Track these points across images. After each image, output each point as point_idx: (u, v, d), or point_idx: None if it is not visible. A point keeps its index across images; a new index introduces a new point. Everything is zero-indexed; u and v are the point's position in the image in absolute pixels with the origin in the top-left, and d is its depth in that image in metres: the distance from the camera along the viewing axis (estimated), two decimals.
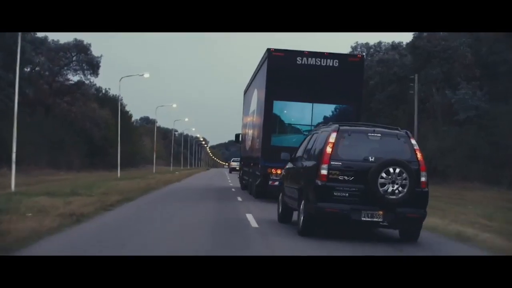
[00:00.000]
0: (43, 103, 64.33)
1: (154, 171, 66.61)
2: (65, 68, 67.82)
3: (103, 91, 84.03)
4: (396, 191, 12.78)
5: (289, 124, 24.33)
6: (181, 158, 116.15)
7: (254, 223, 15.84)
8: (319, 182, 13.00)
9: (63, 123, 67.08)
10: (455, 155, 50.30)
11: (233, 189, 33.23)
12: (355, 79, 24.36)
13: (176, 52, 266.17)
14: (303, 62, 24.20)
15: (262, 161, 24.14)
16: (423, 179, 13.13)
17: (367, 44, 74.20)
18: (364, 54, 78.95)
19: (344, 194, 12.96)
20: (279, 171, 21.82)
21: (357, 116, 23.57)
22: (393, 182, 12.82)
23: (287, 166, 16.48)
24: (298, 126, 24.46)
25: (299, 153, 15.59)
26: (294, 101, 24.32)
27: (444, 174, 50.82)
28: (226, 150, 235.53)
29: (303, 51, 24.02)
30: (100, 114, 75.58)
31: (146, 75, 48.79)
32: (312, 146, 14.52)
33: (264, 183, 24.19)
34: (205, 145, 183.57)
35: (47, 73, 65.78)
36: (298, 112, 24.39)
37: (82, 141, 69.39)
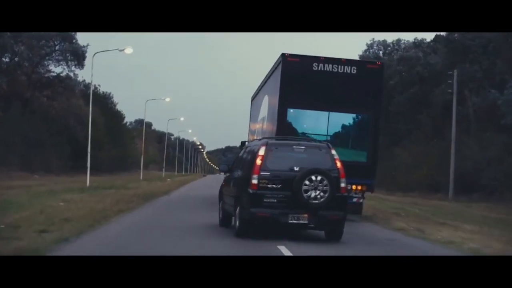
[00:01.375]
0: (20, 97, 52.88)
1: (141, 177, 53.85)
2: (47, 58, 55.54)
3: (92, 87, 71.56)
4: (318, 196, 14.16)
5: (304, 134, 22.36)
6: (176, 163, 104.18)
7: None
8: (250, 191, 14.25)
9: (43, 119, 61.17)
10: (504, 167, 42.49)
11: None
12: (374, 87, 22.67)
13: (173, 57, 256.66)
14: (319, 69, 22.54)
15: None
16: (342, 185, 14.51)
17: (384, 41, 62.63)
18: (381, 52, 66.60)
19: (273, 200, 14.24)
20: None
21: (376, 126, 22.62)
22: (315, 189, 14.19)
23: (225, 176, 17.65)
24: (313, 136, 21.91)
25: (236, 164, 16.76)
26: (309, 109, 22.63)
27: (489, 188, 42.99)
28: (223, 156, 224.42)
29: (319, 57, 22.39)
30: (86, 111, 63.35)
31: (128, 51, 37.23)
32: (245, 159, 15.80)
33: None
34: (202, 150, 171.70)
35: (26, 63, 53.71)
36: (313, 121, 22.71)
37: (64, 141, 57.77)
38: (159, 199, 28.40)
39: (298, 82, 22.38)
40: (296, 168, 14.51)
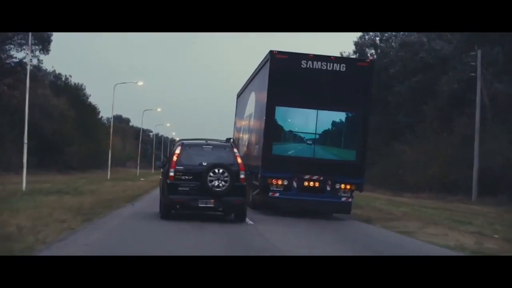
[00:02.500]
0: None
1: (109, 176, 44.43)
2: (8, 41, 46.49)
3: (63, 78, 63.25)
4: (220, 185, 17.89)
5: (292, 132, 22.29)
6: (153, 160, 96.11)
7: None
8: (168, 181, 18.22)
9: (3, 111, 55.46)
10: None
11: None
12: (363, 85, 22.33)
13: (154, 54, 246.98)
14: (308, 66, 22.03)
15: (262, 170, 22.15)
16: (241, 176, 18.33)
17: None
18: (377, 38, 58.43)
19: (186, 188, 18.06)
20: (280, 182, 21.89)
21: (365, 125, 22.44)
22: (218, 179, 17.89)
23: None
24: (301, 135, 22.31)
25: (167, 161, 20.10)
26: (298, 107, 22.19)
27: None
28: None
29: (308, 54, 22.17)
30: (53, 103, 54.02)
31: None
32: (169, 156, 19.91)
33: (264, 194, 22.75)
34: None
35: None
36: (301, 119, 22.31)
37: (27, 135, 47.58)
38: (115, 212, 20.13)
39: (286, 79, 22.22)
40: (204, 163, 18.26)
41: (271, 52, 22.22)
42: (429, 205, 33.32)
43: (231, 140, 35.52)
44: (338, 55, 63.02)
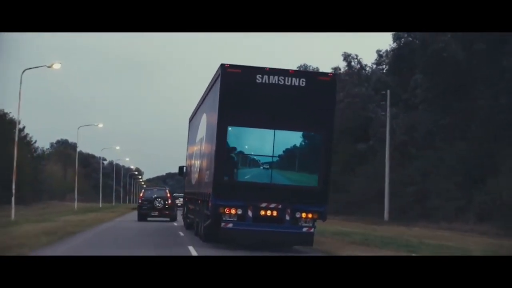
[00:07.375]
0: None
1: None
2: None
3: None
4: (159, 205, 44.70)
5: (247, 155, 20.78)
6: (99, 189, 76.35)
7: None
8: (138, 205, 48.41)
9: None
10: None
11: None
12: (326, 102, 20.78)
13: (108, 83, 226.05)
14: (264, 81, 19.90)
15: (214, 198, 20.65)
16: (169, 201, 45.67)
17: None
18: None
19: (146, 207, 45.03)
20: (233, 211, 20.30)
21: (327, 146, 20.94)
22: (159, 203, 45.23)
23: None
24: (256, 158, 20.54)
25: None
26: (253, 127, 20.36)
27: None
28: (164, 184, 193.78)
29: (264, 68, 20.75)
30: None
31: None
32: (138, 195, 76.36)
33: (215, 224, 21.43)
34: (139, 177, 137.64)
35: None
36: (257, 141, 20.46)
37: None
38: None
39: (239, 96, 20.36)
40: (153, 196, 45.34)
41: (222, 65, 20.69)
42: None
43: (184, 168, 34.42)
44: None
